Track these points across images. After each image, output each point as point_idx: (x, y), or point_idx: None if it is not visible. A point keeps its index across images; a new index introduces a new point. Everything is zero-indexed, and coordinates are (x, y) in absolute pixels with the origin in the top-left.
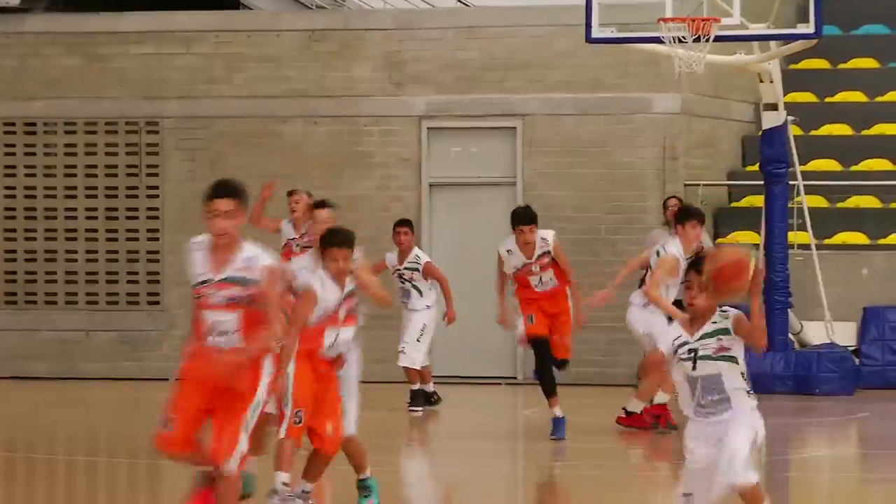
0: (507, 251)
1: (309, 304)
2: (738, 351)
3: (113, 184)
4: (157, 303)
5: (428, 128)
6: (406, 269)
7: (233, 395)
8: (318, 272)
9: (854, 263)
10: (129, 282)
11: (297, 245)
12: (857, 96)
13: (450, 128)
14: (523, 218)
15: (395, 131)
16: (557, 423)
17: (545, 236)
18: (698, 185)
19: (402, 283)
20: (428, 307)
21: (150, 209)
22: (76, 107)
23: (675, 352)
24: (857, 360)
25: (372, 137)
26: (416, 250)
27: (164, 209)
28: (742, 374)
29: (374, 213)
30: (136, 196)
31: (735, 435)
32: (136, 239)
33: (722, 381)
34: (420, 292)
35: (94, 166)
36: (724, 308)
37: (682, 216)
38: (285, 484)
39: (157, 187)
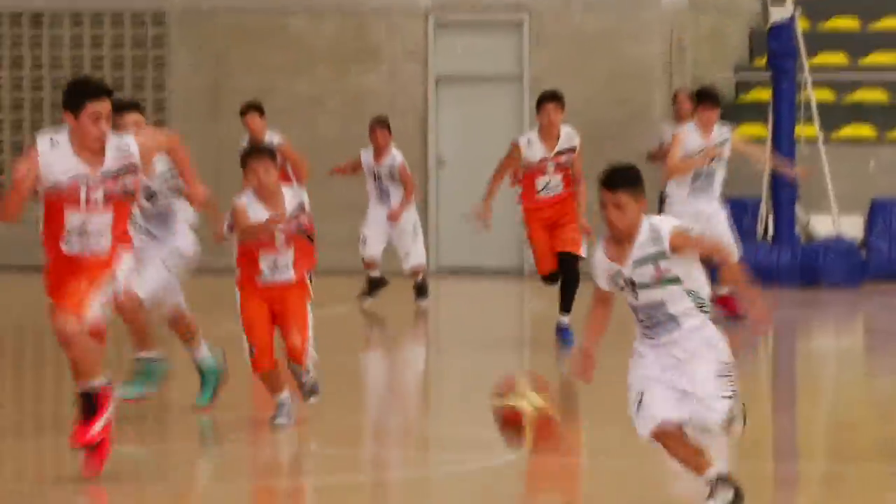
0: (528, 141)
1: (237, 221)
2: (685, 268)
3: (119, 76)
4: None
5: (434, 22)
6: (384, 171)
7: (96, 266)
8: (247, 191)
9: (861, 157)
10: None
11: None
12: None
13: (456, 22)
14: (550, 96)
15: (401, 25)
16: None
17: (572, 133)
18: (705, 79)
19: (380, 182)
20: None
21: (156, 101)
22: None
23: (613, 282)
24: (863, 253)
25: (379, 32)
26: (394, 151)
27: (170, 101)
28: (690, 291)
29: (381, 108)
30: (143, 87)
31: (700, 375)
32: None
33: (666, 307)
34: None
35: (101, 59)
36: (654, 225)
37: (695, 98)
38: (285, 402)
39: (162, 79)
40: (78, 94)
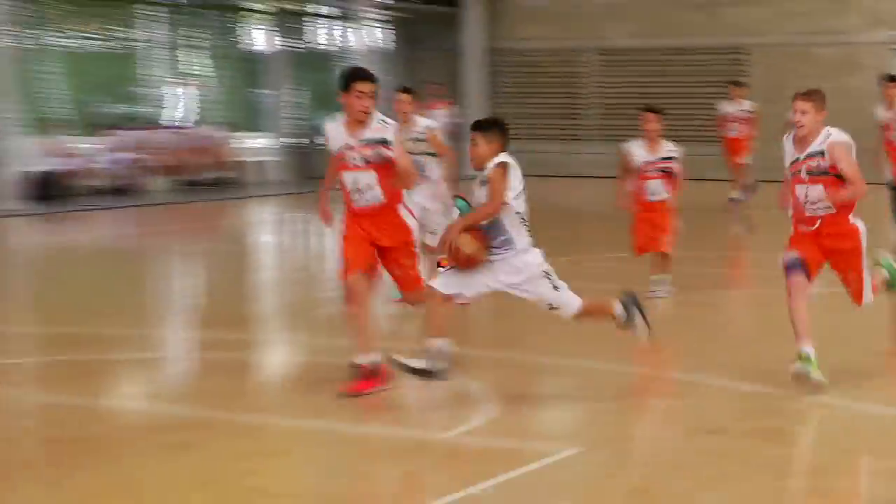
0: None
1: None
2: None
3: (710, 91)
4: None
5: (891, 49)
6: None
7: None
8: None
9: None
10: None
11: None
12: None
13: None
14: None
15: (873, 51)
16: None
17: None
18: None
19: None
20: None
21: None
22: (678, 41)
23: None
24: None
25: (861, 55)
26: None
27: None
28: (518, 213)
29: (860, 96)
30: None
31: (539, 292)
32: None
33: (502, 222)
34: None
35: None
36: (503, 160)
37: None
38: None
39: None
40: (348, 77)
